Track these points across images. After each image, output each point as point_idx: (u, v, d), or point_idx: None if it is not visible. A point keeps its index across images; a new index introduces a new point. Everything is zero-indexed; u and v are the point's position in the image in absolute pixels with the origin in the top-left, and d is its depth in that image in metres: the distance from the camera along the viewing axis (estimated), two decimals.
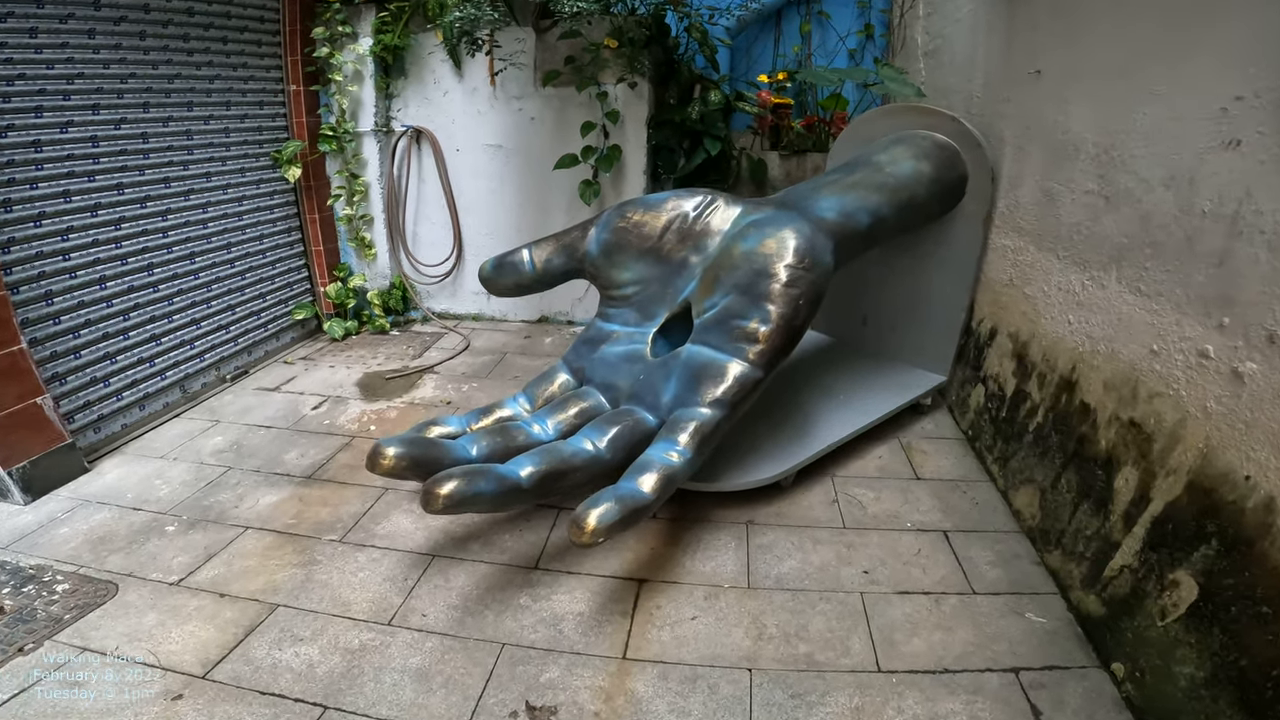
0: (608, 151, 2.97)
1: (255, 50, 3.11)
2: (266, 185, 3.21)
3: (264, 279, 3.22)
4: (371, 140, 3.37)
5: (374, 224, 3.50)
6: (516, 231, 3.35)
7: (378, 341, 3.40)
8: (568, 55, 2.97)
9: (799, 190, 2.12)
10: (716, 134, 2.88)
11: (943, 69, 3.02)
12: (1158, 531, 1.37)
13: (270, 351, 3.26)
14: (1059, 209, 1.92)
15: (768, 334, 1.68)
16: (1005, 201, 2.27)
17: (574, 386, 1.95)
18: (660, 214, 1.94)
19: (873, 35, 3.60)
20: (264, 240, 3.22)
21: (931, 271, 2.48)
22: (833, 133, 3.20)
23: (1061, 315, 1.89)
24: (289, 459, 2.30)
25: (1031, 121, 2.10)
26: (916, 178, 2.21)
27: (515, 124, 3.23)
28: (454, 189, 3.40)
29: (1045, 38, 2.02)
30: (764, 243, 1.77)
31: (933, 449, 2.31)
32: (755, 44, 3.65)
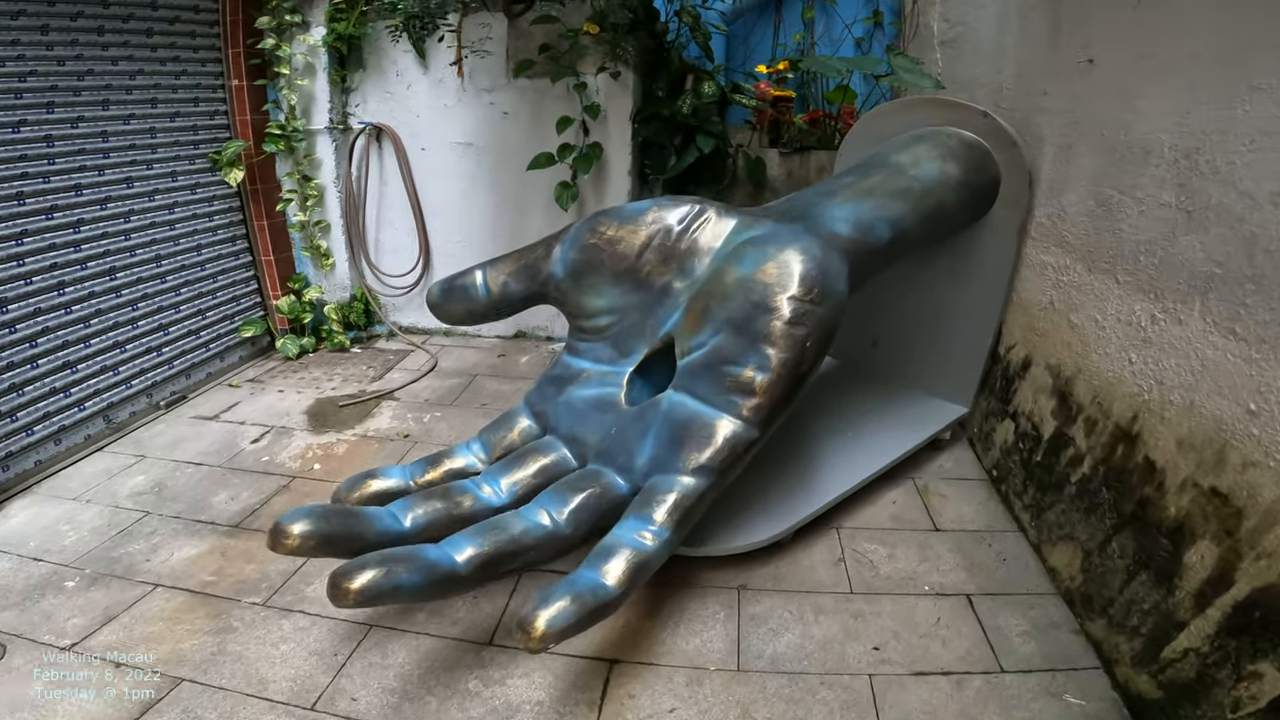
0: (587, 150, 2.68)
1: (188, 43, 2.83)
2: (204, 190, 2.91)
3: (203, 294, 2.93)
4: (326, 139, 3.08)
5: (331, 231, 3.21)
6: (491, 238, 3.07)
7: (336, 360, 3.13)
8: (543, 43, 2.68)
9: (805, 197, 1.84)
10: (710, 130, 2.59)
11: (964, 59, 2.75)
12: (1240, 618, 1.17)
13: (214, 373, 2.97)
14: (1119, 223, 1.64)
15: (766, 385, 1.42)
16: (1045, 210, 2.00)
17: (536, 434, 1.69)
18: (639, 228, 1.64)
19: (882, 23, 3.34)
20: (202, 251, 2.92)
21: (954, 288, 2.21)
22: (840, 129, 2.91)
23: (1120, 352, 1.61)
24: (216, 503, 2.06)
25: (1082, 117, 1.83)
26: (943, 181, 1.94)
27: (486, 119, 2.94)
28: (419, 191, 3.11)
29: (1102, 22, 1.75)
30: (763, 267, 1.48)
31: (953, 492, 2.07)
32: (754, 31, 3.38)
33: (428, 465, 1.64)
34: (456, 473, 1.64)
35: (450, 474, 1.63)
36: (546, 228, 2.84)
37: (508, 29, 2.83)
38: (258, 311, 3.19)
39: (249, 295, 3.15)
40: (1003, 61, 2.36)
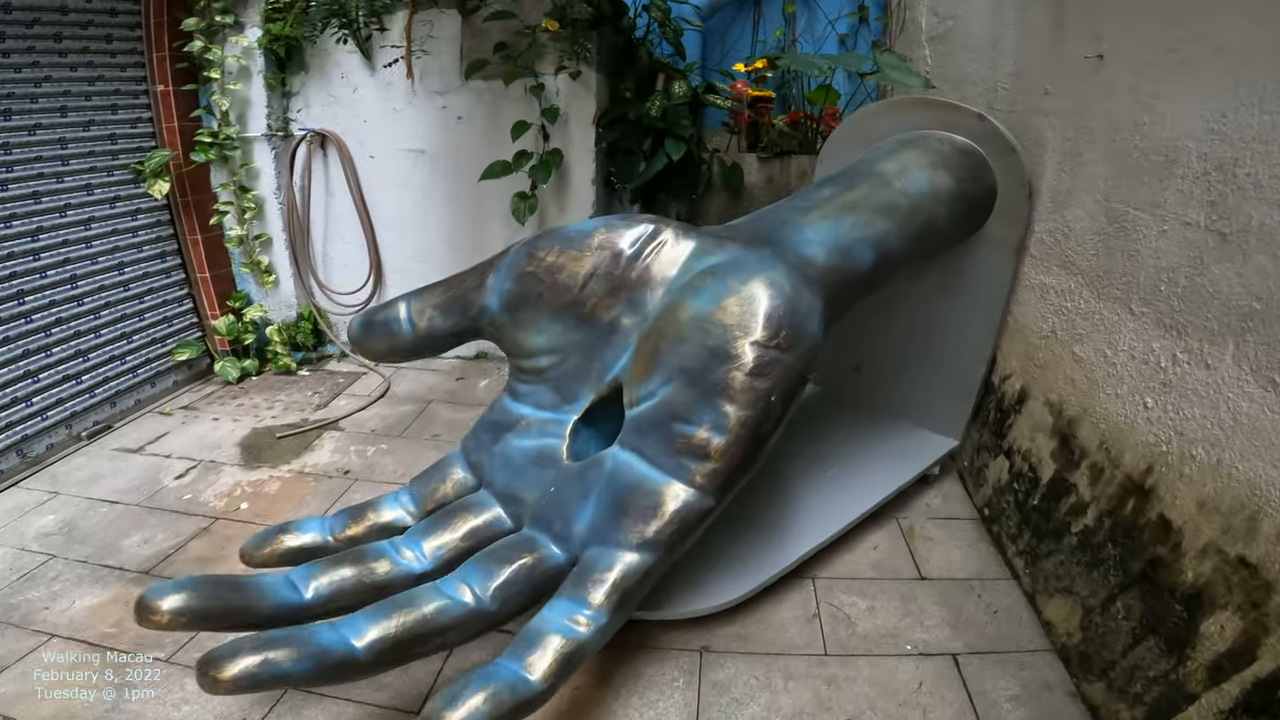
0: (546, 157, 2.46)
1: (104, 48, 2.62)
2: (126, 204, 2.70)
3: (127, 316, 2.72)
4: (264, 146, 2.87)
5: (273, 245, 3.00)
6: (448, 251, 2.87)
7: (281, 385, 2.92)
8: (499, 41, 2.47)
9: (777, 212, 1.64)
10: (680, 134, 2.39)
11: (955, 56, 2.58)
12: (1262, 696, 1.04)
13: (144, 400, 2.76)
14: (1136, 244, 1.46)
15: (723, 449, 1.23)
16: (1047, 225, 1.82)
17: (471, 486, 1.50)
18: (583, 254, 1.43)
19: (867, 18, 3.18)
20: (125, 269, 2.70)
21: (945, 307, 2.04)
22: (822, 131, 2.73)
23: (1134, 395, 1.44)
24: (127, 546, 1.90)
25: (1091, 119, 1.65)
26: (934, 194, 1.76)
27: (439, 124, 2.74)
28: (369, 203, 2.91)
29: (1115, 11, 1.57)
30: (723, 304, 1.29)
31: (940, 534, 1.91)
32: (732, 27, 3.20)
33: (350, 519, 1.45)
34: (382, 528, 1.45)
35: (375, 529, 1.45)
36: (508, 241, 2.63)
37: (461, 26, 2.63)
38: (194, 333, 2.97)
39: (183, 316, 2.94)
40: (998, 58, 2.18)
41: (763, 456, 1.30)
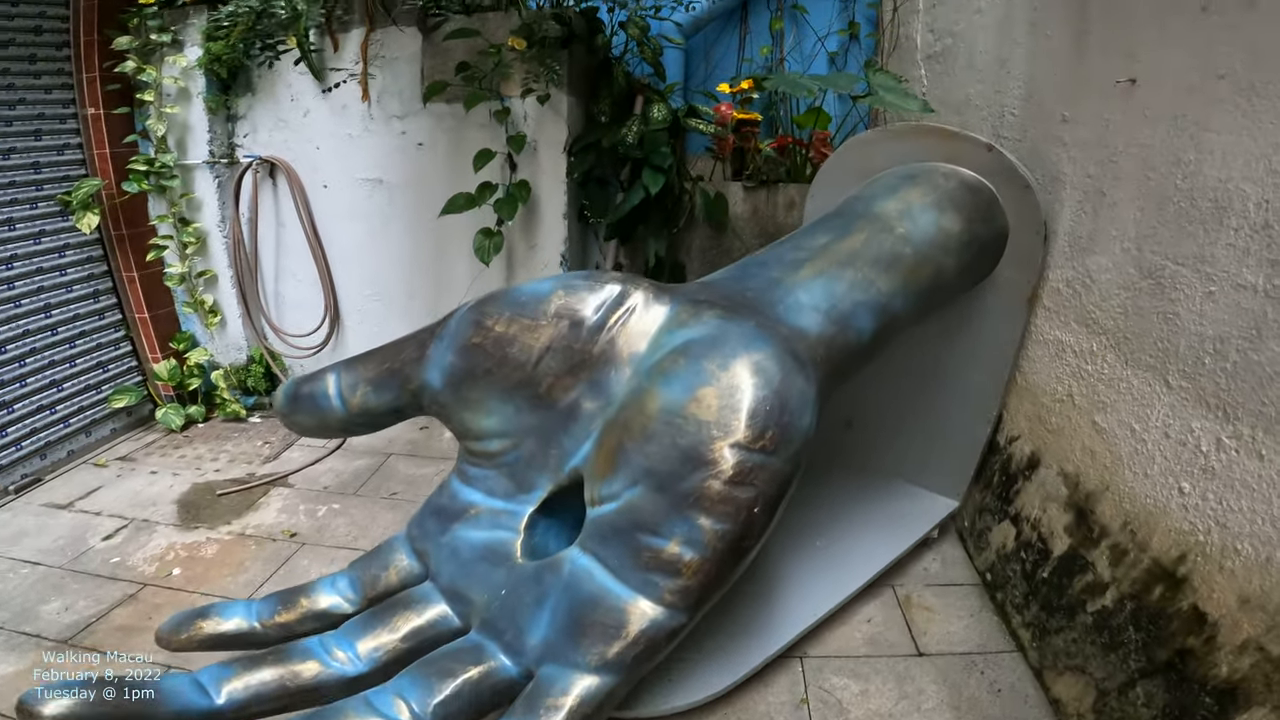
0: (512, 190, 2.26)
1: (26, 69, 2.43)
2: (52, 239, 2.50)
3: (57, 362, 2.51)
4: (207, 174, 2.67)
5: (219, 283, 2.79)
6: (407, 289, 2.67)
7: (229, 433, 2.72)
8: (461, 61, 2.27)
9: (765, 265, 1.45)
10: (659, 164, 2.20)
11: (954, 76, 2.41)
12: None
13: (78, 451, 2.56)
14: (1175, 305, 1.28)
15: (696, 564, 1.05)
16: (1064, 273, 1.65)
17: (417, 575, 1.32)
18: (537, 323, 1.22)
19: (858, 35, 3.03)
20: (53, 312, 2.49)
21: (945, 359, 1.87)
22: (812, 158, 2.55)
23: (1167, 477, 1.26)
24: (46, 612, 1.78)
25: (1119, 152, 1.47)
26: (942, 240, 1.57)
27: (399, 151, 2.54)
28: (323, 236, 2.70)
29: (1151, 28, 1.39)
30: (698, 394, 1.09)
31: (940, 603, 1.75)
32: (717, 45, 3.04)
33: (280, 604, 1.27)
34: (316, 615, 1.27)
35: (308, 616, 1.26)
36: (472, 280, 2.46)
37: (422, 45, 2.44)
38: (133, 377, 2.76)
39: (120, 359, 2.74)
40: (1006, 79, 2.02)
41: (744, 566, 1.12)
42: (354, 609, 1.28)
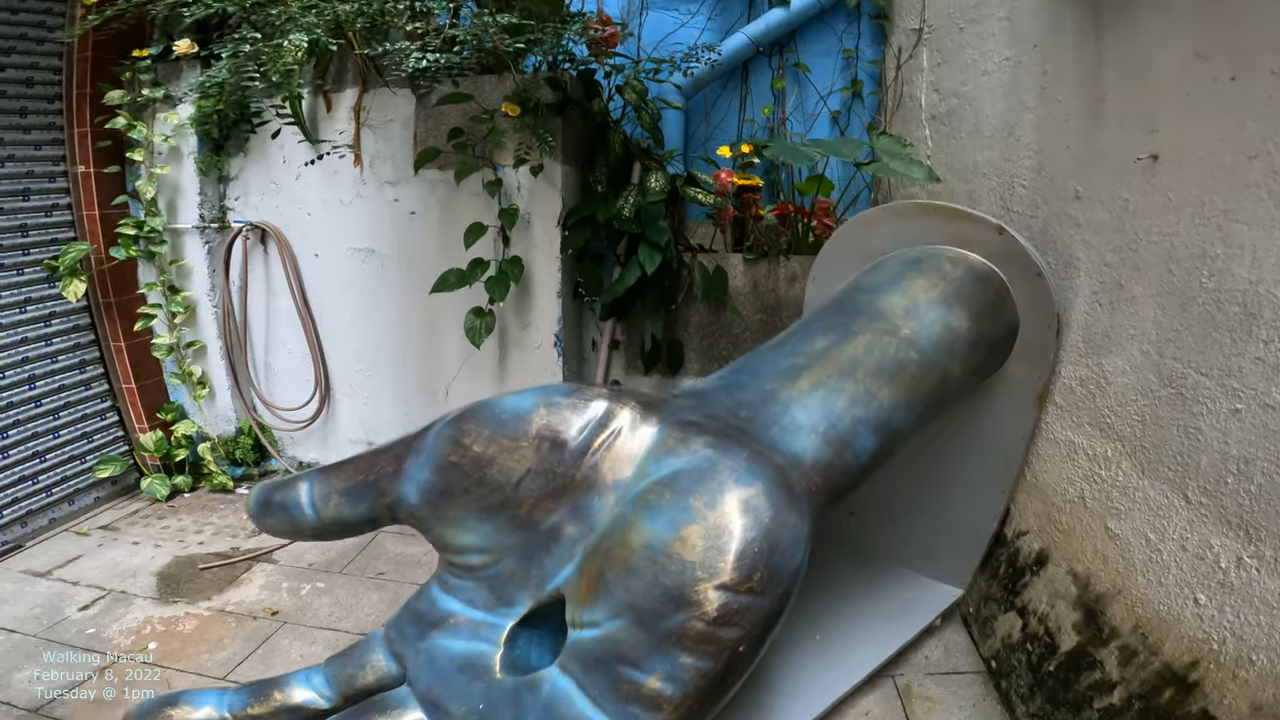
0: (504, 267, 2.18)
1: (16, 122, 2.37)
2: (38, 307, 2.44)
3: (40, 434, 2.44)
4: (197, 240, 2.61)
5: (208, 354, 2.73)
6: (399, 363, 2.60)
7: (214, 504, 2.64)
8: (454, 127, 2.21)
9: (760, 375, 1.37)
10: (656, 240, 2.11)
11: (960, 140, 2.34)
12: None
13: (60, 518, 2.49)
14: (1198, 419, 1.20)
15: (677, 702, 1.00)
16: (1078, 371, 1.56)
17: (394, 677, 1.27)
18: (518, 444, 1.16)
19: (861, 93, 2.96)
20: (37, 384, 2.43)
21: (952, 451, 1.79)
22: (814, 228, 2.47)
23: (1182, 588, 1.20)
24: (17, 681, 1.76)
25: (1140, 242, 1.38)
26: (949, 342, 1.48)
27: (390, 219, 2.48)
28: (314, 307, 2.63)
29: (1174, 100, 1.30)
30: (683, 532, 1.02)
31: (941, 693, 1.67)
32: (717, 104, 2.97)
33: (253, 697, 1.22)
34: (290, 710, 1.23)
35: (282, 711, 1.22)
36: (462, 358, 2.38)
37: (415, 108, 2.38)
38: (118, 447, 2.68)
39: (106, 429, 2.66)
40: (1015, 147, 1.94)
41: (727, 699, 1.06)
42: (329, 706, 1.24)
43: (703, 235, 2.60)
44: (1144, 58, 1.38)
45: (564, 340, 2.38)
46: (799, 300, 2.37)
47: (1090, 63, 1.57)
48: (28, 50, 2.39)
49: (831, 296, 1.77)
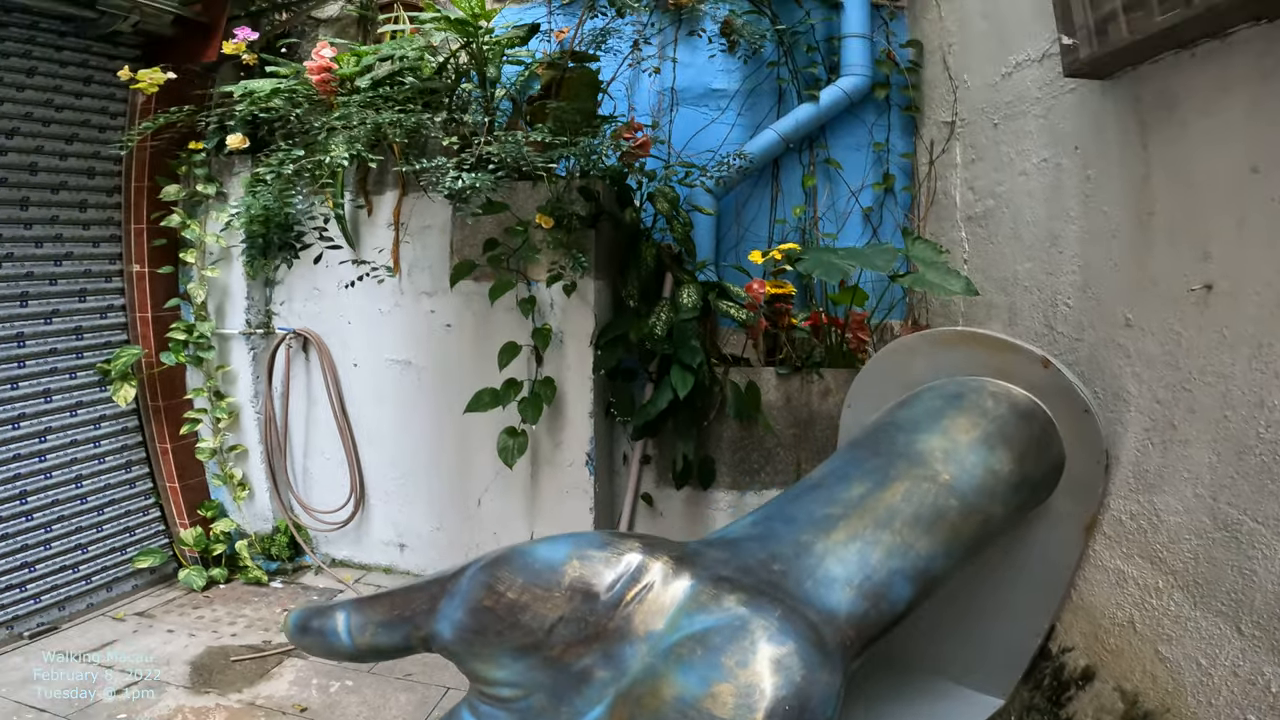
0: (537, 389, 2.17)
1: (76, 217, 2.44)
2: (88, 410, 2.47)
3: (84, 528, 2.47)
4: (242, 345, 2.65)
5: (249, 457, 2.75)
6: (433, 473, 2.59)
7: (249, 597, 2.65)
8: (489, 238, 2.22)
9: (793, 525, 1.33)
10: (688, 361, 2.07)
11: (1000, 246, 2.27)
12: None
13: (96, 604, 2.51)
14: (1253, 562, 1.15)
15: None
16: (1128, 506, 1.48)
17: None
18: (550, 593, 1.15)
19: (893, 188, 2.91)
20: (83, 483, 2.47)
21: (995, 571, 1.70)
22: (848, 340, 2.40)
23: (1234, 709, 1.17)
24: None
25: (1192, 379, 1.32)
26: (991, 486, 1.41)
27: (427, 331, 2.49)
28: (351, 416, 2.64)
29: (1224, 222, 1.24)
30: (715, 689, 1.00)
31: None
32: (749, 203, 2.95)
33: None
34: None
35: None
36: (495, 473, 2.38)
37: (451, 215, 2.40)
38: (160, 540, 2.70)
39: (148, 524, 2.69)
40: (1058, 260, 1.87)
41: None
42: None
43: (735, 343, 2.56)
44: (1194, 167, 1.33)
45: (595, 460, 2.35)
46: (833, 414, 2.32)
47: (1136, 170, 1.51)
48: (90, 138, 2.47)
49: (868, 427, 1.71)
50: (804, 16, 3.00)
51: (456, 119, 2.10)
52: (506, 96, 2.47)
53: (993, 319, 2.25)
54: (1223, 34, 1.22)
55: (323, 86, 2.39)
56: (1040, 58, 1.98)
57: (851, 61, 2.92)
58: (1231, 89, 1.23)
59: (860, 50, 2.93)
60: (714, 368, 2.36)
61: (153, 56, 2.59)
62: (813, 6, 3.03)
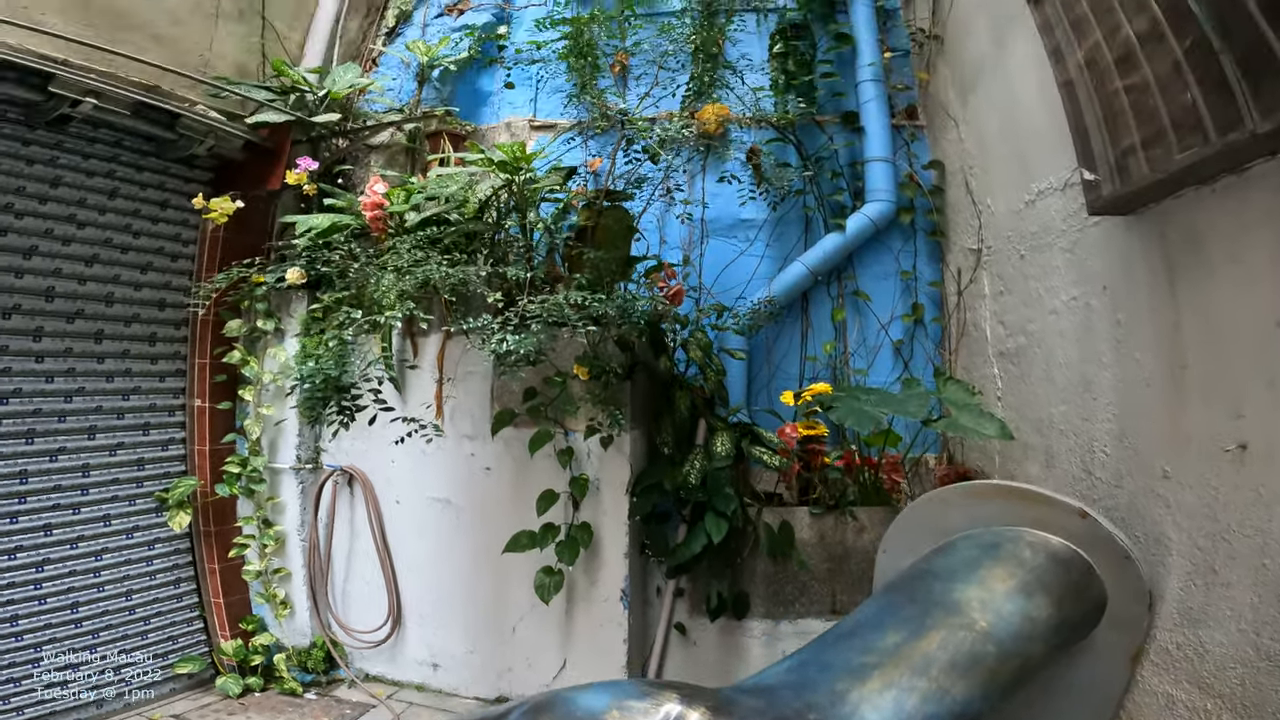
0: (573, 533, 2.18)
1: (145, 350, 2.54)
2: (144, 534, 2.53)
3: (130, 635, 2.50)
4: (292, 479, 2.70)
5: (292, 579, 2.76)
6: (468, 601, 2.58)
7: (283, 706, 2.61)
8: (528, 387, 2.26)
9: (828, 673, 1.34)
10: (722, 509, 2.07)
11: (1033, 386, 2.24)
12: None
13: (134, 704, 2.50)
14: None
15: None
16: (1174, 637, 1.48)
17: None
18: None
19: (922, 319, 2.89)
20: (133, 597, 2.50)
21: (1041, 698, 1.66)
22: (882, 480, 2.38)
23: None
24: None
25: (1231, 530, 1.33)
26: (1029, 631, 1.43)
27: (467, 474, 2.51)
28: (392, 547, 2.66)
29: (1255, 381, 1.27)
30: None
31: None
32: (779, 341, 2.95)
33: None
34: None
35: None
36: (529, 600, 2.35)
37: (493, 362, 2.44)
38: (199, 648, 2.70)
39: (191, 634, 2.69)
40: (1093, 406, 1.83)
41: None
42: None
43: (768, 479, 2.54)
44: (1222, 317, 1.35)
45: (629, 596, 2.33)
46: (868, 549, 2.29)
47: (1167, 317, 1.51)
48: (163, 267, 2.57)
49: (904, 573, 1.70)
50: (827, 141, 3.06)
51: (500, 273, 2.17)
52: (543, 231, 2.51)
53: (1029, 460, 2.21)
54: (1240, 169, 1.26)
55: (375, 224, 2.50)
56: (1063, 186, 2.00)
57: (876, 186, 2.94)
58: (1252, 229, 1.27)
59: (883, 174, 2.95)
60: (747, 508, 2.33)
61: (222, 180, 2.74)
62: (835, 130, 3.08)
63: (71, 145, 2.35)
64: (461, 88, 3.42)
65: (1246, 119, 1.12)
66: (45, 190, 2.28)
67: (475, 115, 3.41)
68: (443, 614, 2.59)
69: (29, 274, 2.23)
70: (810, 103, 2.99)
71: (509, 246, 2.42)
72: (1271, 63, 1.07)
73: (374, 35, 3.60)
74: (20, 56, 2.08)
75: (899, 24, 3.24)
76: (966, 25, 2.71)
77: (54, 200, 2.30)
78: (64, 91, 2.16)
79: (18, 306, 2.19)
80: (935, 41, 3.01)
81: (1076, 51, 1.57)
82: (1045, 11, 1.72)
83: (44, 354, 2.26)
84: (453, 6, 3.59)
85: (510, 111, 3.43)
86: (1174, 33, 1.25)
